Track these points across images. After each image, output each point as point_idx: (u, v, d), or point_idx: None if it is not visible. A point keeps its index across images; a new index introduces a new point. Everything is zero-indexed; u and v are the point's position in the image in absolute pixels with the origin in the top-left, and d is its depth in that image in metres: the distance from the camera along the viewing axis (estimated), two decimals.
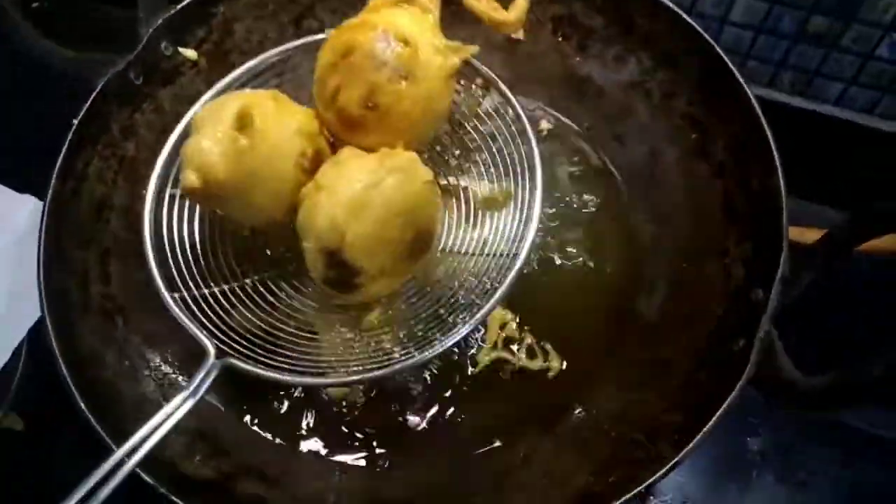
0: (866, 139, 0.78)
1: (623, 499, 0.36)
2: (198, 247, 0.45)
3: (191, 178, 0.39)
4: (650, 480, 0.36)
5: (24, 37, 0.46)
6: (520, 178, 0.44)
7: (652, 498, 0.58)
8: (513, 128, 0.45)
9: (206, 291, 0.43)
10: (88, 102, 0.49)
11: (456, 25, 0.51)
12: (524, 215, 0.43)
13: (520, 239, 0.42)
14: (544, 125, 0.61)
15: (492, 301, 0.40)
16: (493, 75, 0.47)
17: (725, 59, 0.50)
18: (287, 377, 0.40)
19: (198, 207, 0.46)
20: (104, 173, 0.51)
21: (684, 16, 0.52)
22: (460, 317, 0.42)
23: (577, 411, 0.47)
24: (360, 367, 0.41)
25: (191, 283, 0.43)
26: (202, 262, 0.44)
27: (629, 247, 0.54)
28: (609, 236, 0.55)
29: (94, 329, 0.45)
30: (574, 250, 0.56)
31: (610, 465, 0.41)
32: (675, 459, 0.36)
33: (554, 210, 0.57)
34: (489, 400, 0.49)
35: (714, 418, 0.36)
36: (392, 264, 0.41)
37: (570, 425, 0.46)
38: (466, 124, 0.49)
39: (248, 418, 0.48)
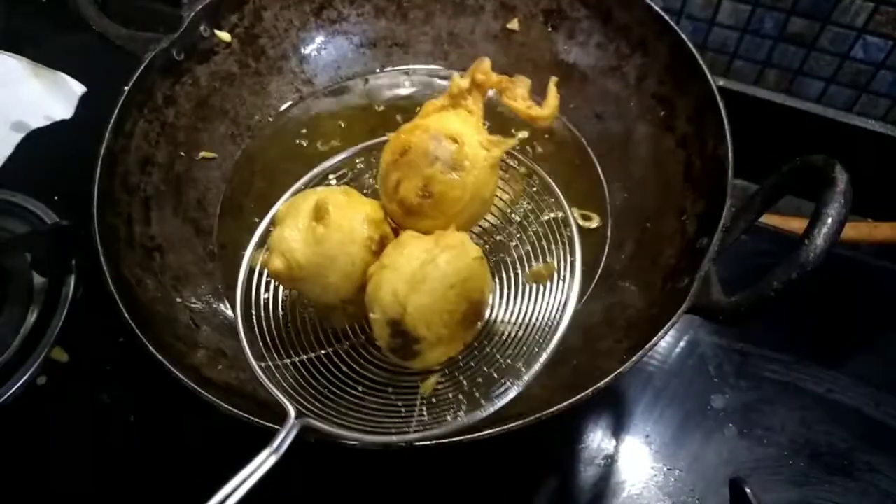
0: (846, 136, 0.83)
1: (569, 402, 0.42)
2: (280, 322, 0.50)
3: (276, 262, 0.45)
4: (596, 386, 0.42)
5: (92, 18, 0.55)
6: (562, 256, 0.49)
7: (619, 444, 0.64)
8: (557, 213, 0.51)
9: (287, 361, 0.49)
10: (137, 73, 0.58)
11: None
12: (565, 291, 0.47)
13: (561, 311, 0.47)
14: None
15: (538, 365, 0.43)
16: (538, 167, 0.52)
17: (689, 43, 0.56)
18: (359, 436, 0.43)
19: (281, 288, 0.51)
20: (149, 134, 0.59)
21: (655, 7, 0.59)
22: (508, 380, 0.45)
23: None
24: (422, 428, 0.44)
25: (274, 354, 0.48)
26: (284, 335, 0.50)
27: (605, 210, 0.60)
28: (590, 201, 0.62)
29: (137, 261, 0.53)
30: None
31: (567, 384, 0.47)
32: (619, 370, 0.42)
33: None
34: None
35: (656, 337, 0.42)
36: (448, 333, 0.45)
37: None
38: (514, 208, 0.55)
39: None
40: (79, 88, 0.62)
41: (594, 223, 0.59)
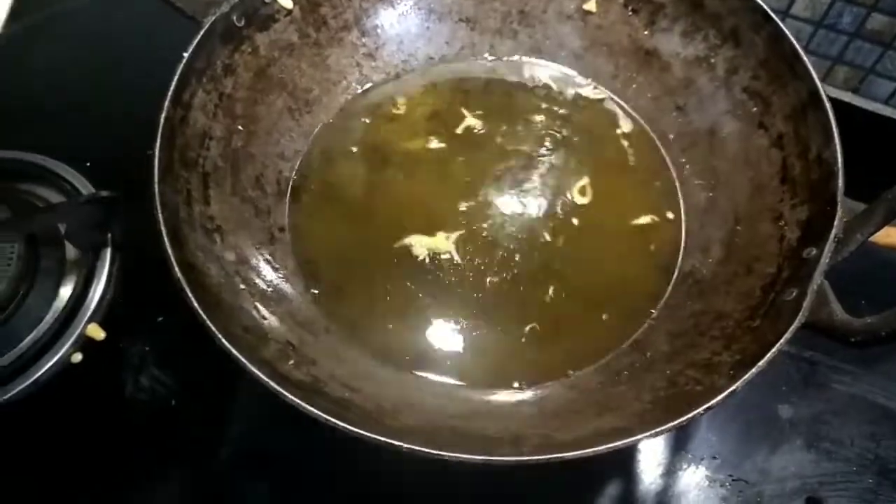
0: None
1: (678, 421, 0.39)
2: None
3: None
4: (706, 405, 0.39)
5: None
6: None
7: (683, 452, 0.62)
8: None
9: None
10: (197, 38, 0.53)
11: None
12: None
13: None
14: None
15: None
16: None
17: (790, 36, 0.52)
18: None
19: None
20: (206, 105, 0.54)
21: None
22: None
23: (630, 354, 0.51)
24: None
25: None
26: None
27: (685, 210, 0.57)
28: (666, 199, 0.59)
29: (198, 243, 0.49)
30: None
31: (665, 395, 0.44)
32: (732, 388, 0.39)
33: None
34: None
35: (770, 353, 0.39)
36: None
37: (623, 364, 0.50)
38: None
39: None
40: None
41: None
